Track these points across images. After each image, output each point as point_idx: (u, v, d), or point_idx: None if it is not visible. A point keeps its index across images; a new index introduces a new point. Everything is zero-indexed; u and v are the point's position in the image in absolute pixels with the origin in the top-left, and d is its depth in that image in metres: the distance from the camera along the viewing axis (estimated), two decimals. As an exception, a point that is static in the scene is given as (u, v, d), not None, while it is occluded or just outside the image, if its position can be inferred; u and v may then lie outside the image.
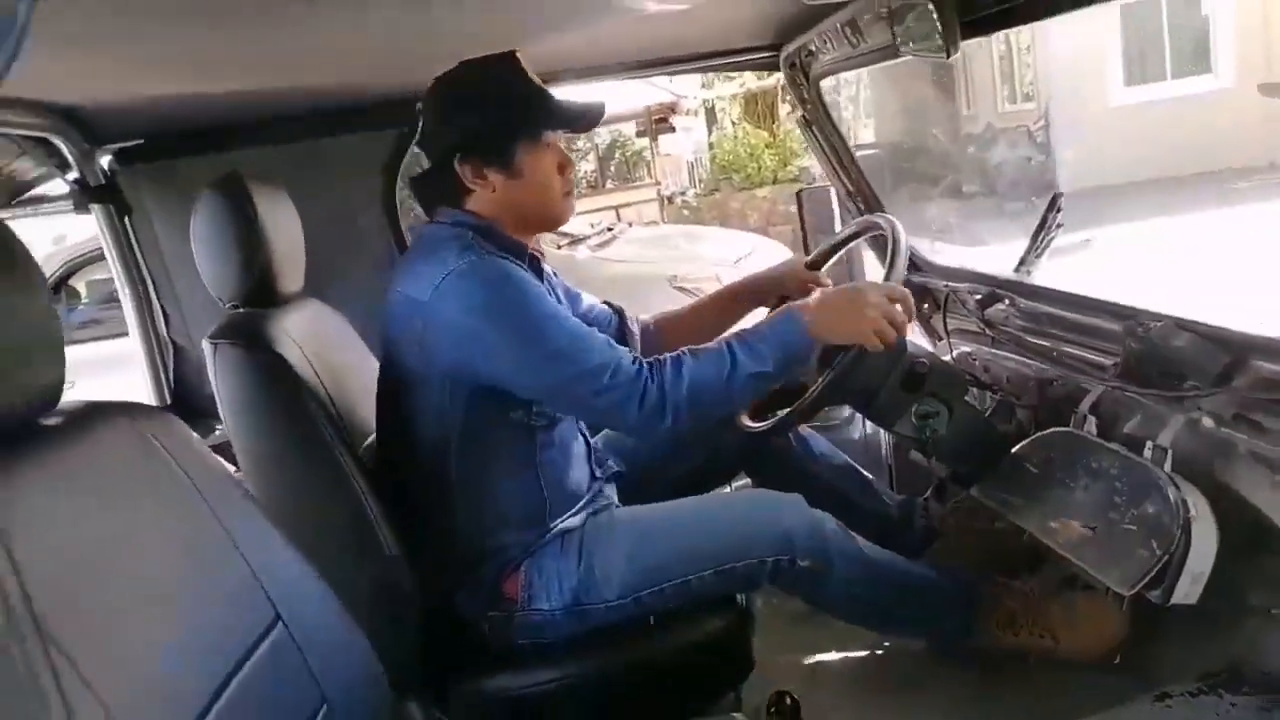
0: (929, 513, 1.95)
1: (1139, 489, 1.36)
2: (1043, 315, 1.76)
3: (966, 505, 1.84)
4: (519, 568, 1.53)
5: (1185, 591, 1.30)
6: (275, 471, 1.60)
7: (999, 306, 1.87)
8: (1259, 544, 1.29)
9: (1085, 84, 11.56)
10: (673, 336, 1.79)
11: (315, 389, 1.54)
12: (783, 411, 1.63)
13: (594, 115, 1.60)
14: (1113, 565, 1.36)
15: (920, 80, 11.93)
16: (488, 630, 1.54)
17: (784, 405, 1.63)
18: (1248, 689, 1.28)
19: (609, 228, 6.61)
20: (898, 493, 2.06)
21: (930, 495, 2.01)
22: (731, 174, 11.71)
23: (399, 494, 1.53)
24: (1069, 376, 1.67)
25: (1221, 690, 1.29)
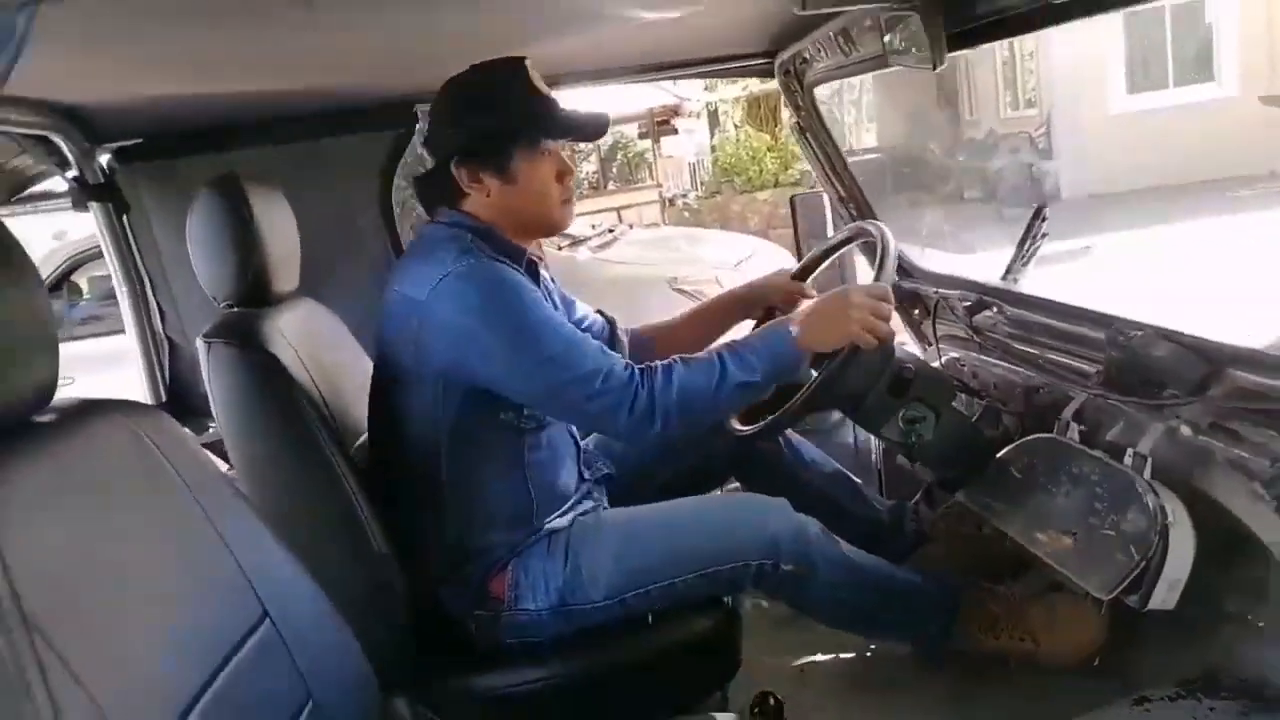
0: (918, 518, 1.96)
1: (1119, 496, 1.37)
2: (1029, 323, 1.77)
3: (955, 510, 1.85)
4: (506, 567, 1.54)
5: (1162, 597, 1.31)
6: (267, 470, 1.60)
7: (987, 313, 1.88)
8: (1236, 551, 1.30)
9: (1088, 91, 11.56)
10: (661, 347, 1.80)
11: (308, 388, 1.55)
12: (772, 416, 1.64)
13: (596, 126, 1.60)
14: (1092, 570, 1.37)
15: (923, 85, 11.93)
16: (474, 629, 1.55)
17: (774, 410, 1.65)
18: (1225, 694, 1.29)
19: (610, 229, 6.61)
20: (887, 498, 2.06)
21: (919, 500, 2.02)
22: (733, 177, 11.74)
23: (389, 493, 1.55)
24: (1054, 383, 1.68)
25: (1199, 695, 1.30)
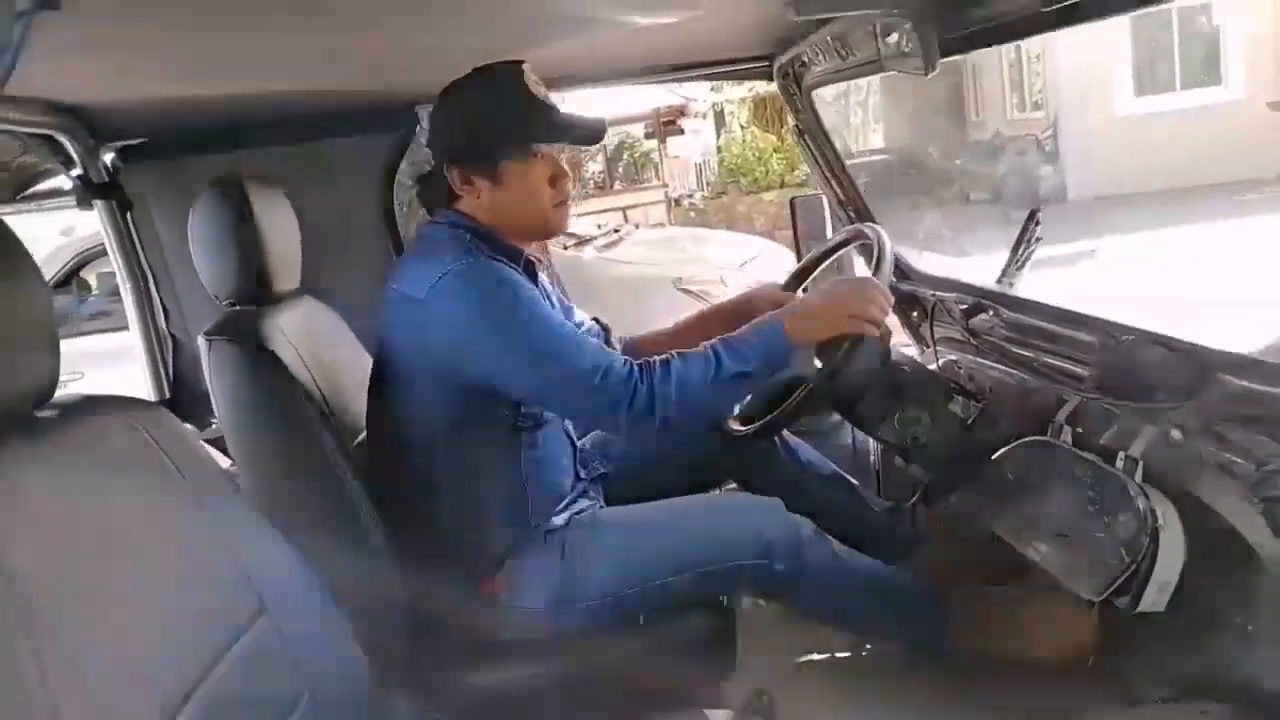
0: (915, 519, 1.97)
1: (1110, 499, 1.38)
2: (1025, 326, 1.78)
3: (952, 512, 1.86)
4: (502, 564, 1.56)
5: (1152, 599, 1.32)
6: (267, 466, 1.62)
7: (983, 316, 1.89)
8: (1226, 554, 1.31)
9: (1095, 93, 11.54)
10: (654, 355, 1.81)
11: (308, 385, 1.57)
12: (769, 416, 1.65)
13: (590, 130, 1.60)
14: (1082, 572, 1.38)
15: (929, 87, 11.91)
16: (470, 626, 1.56)
17: (771, 410, 1.66)
18: (1216, 697, 1.30)
19: (616, 229, 6.63)
20: (885, 499, 2.07)
21: (916, 501, 2.03)
22: (739, 177, 11.75)
23: (387, 490, 1.56)
24: (1048, 387, 1.69)
25: (1190, 698, 1.32)
